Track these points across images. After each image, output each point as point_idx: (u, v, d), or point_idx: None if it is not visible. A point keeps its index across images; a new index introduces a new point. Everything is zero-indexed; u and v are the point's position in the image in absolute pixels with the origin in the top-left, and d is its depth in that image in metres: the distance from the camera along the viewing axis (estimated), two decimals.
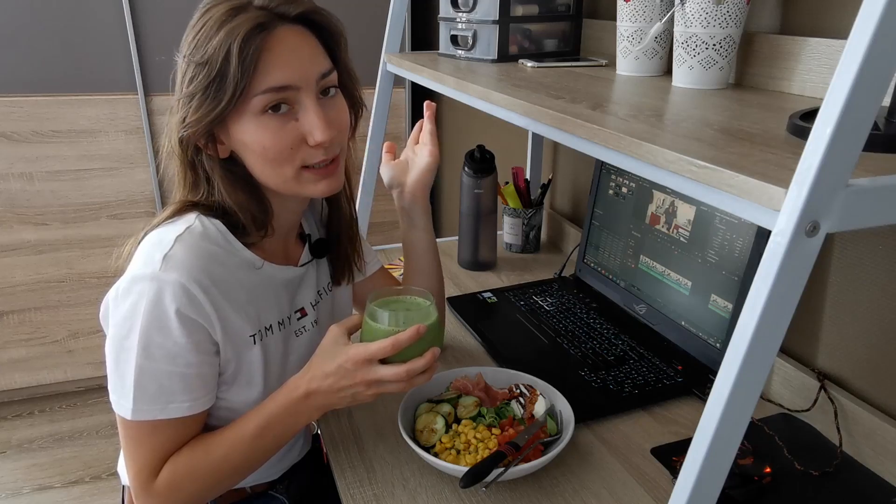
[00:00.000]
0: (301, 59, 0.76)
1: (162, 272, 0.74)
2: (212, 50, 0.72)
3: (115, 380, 0.77)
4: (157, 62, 2.10)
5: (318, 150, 0.78)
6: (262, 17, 0.73)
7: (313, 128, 0.76)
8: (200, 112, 0.74)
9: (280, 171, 0.78)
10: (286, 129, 0.76)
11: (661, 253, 1.18)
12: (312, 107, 0.76)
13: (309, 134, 0.77)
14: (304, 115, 0.76)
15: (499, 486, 0.84)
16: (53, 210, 2.16)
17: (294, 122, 0.77)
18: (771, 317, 0.48)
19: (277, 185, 0.80)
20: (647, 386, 1.03)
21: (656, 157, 0.62)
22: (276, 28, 0.74)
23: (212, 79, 0.72)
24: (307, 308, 0.93)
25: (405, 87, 2.39)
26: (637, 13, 1.06)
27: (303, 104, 0.76)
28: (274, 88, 0.74)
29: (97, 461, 2.14)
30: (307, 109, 0.76)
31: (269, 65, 0.73)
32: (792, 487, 0.84)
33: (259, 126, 0.75)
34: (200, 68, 0.73)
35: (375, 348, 0.76)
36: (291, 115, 0.76)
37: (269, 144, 0.76)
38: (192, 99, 0.74)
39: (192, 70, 0.74)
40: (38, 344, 2.29)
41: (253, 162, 0.79)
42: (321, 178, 0.80)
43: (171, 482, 0.78)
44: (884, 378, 0.90)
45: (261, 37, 0.72)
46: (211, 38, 0.72)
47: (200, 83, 0.73)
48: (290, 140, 0.76)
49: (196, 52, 0.73)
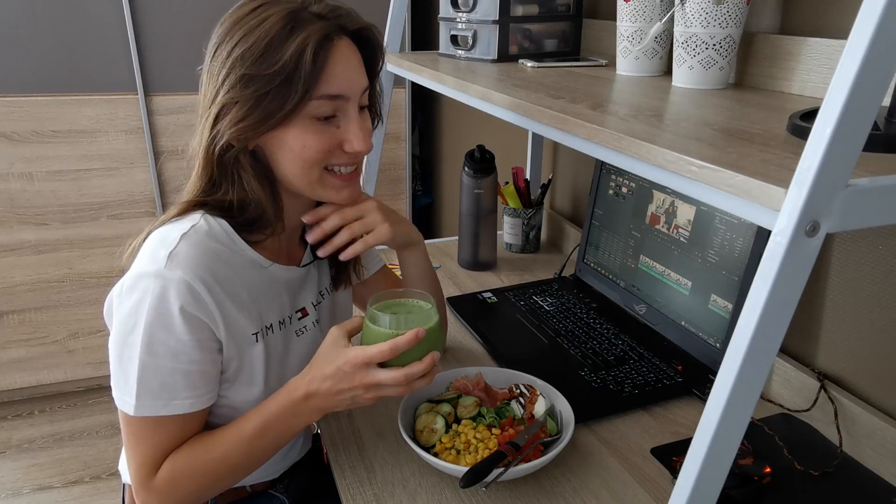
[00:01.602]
0: (353, 71, 0.80)
1: (167, 269, 0.74)
2: (281, 53, 0.73)
3: (118, 376, 0.77)
4: (157, 62, 2.10)
5: (350, 157, 0.83)
6: (328, 27, 0.76)
7: (354, 137, 0.80)
8: (259, 115, 0.75)
9: (309, 171, 0.81)
10: (327, 133, 0.80)
11: (661, 253, 1.18)
12: (355, 118, 0.81)
13: (348, 141, 0.81)
14: (346, 123, 0.80)
15: (499, 486, 0.84)
16: (53, 210, 2.16)
17: (335, 128, 0.80)
18: (771, 317, 0.48)
19: (302, 185, 0.82)
20: (647, 386, 1.03)
21: (656, 157, 0.62)
22: (340, 39, 0.78)
23: (277, 81, 0.74)
24: (308, 308, 0.93)
25: (405, 87, 2.39)
26: (637, 13, 1.06)
27: (347, 114, 0.80)
28: (330, 96, 0.77)
29: (97, 461, 2.14)
30: (350, 119, 0.80)
31: (331, 74, 0.77)
32: (792, 487, 0.84)
33: (305, 129, 0.78)
34: (264, 69, 0.74)
35: (374, 351, 0.76)
36: (334, 122, 0.80)
37: (311, 145, 0.79)
38: (251, 101, 0.75)
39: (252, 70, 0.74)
40: (38, 344, 2.29)
41: (286, 160, 0.80)
42: (345, 186, 0.85)
43: (170, 479, 0.78)
44: (884, 378, 0.90)
45: (328, 46, 0.76)
46: (280, 42, 0.74)
47: (263, 85, 0.74)
48: (329, 144, 0.80)
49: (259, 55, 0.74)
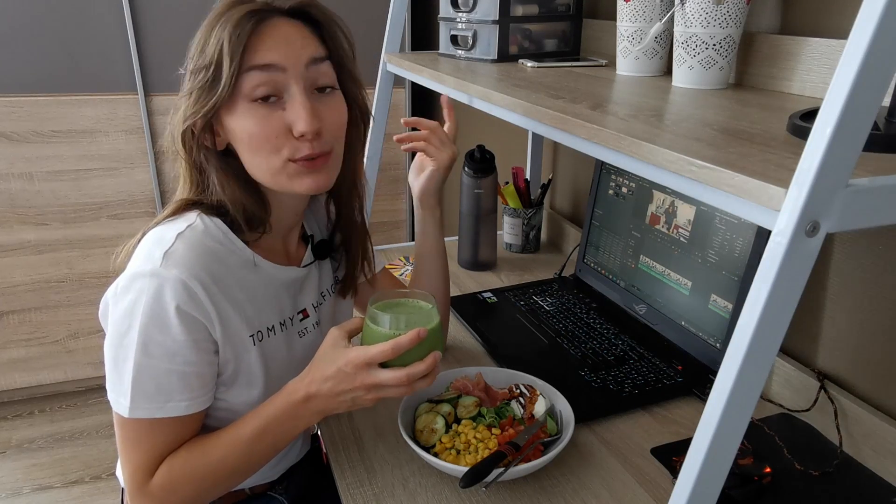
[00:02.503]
0: (290, 42, 0.76)
1: (163, 269, 0.73)
2: (209, 42, 0.74)
3: (113, 377, 0.76)
4: (157, 62, 2.10)
5: (303, 142, 0.77)
6: (255, 6, 0.75)
7: (297, 118, 0.75)
8: (199, 102, 0.76)
9: (267, 161, 0.78)
10: (272, 117, 0.76)
11: (661, 253, 1.18)
12: (299, 96, 0.76)
13: (293, 123, 0.76)
14: (290, 104, 0.76)
15: (499, 486, 0.84)
16: (53, 210, 2.16)
17: (281, 111, 0.77)
18: (771, 317, 0.48)
19: (265, 177, 0.80)
20: (647, 386, 1.03)
21: (656, 157, 0.62)
22: (270, 17, 0.76)
23: (209, 70, 0.74)
24: (309, 309, 0.93)
25: (405, 87, 2.39)
26: (637, 13, 1.06)
27: (290, 93, 0.76)
28: (258, 66, 0.74)
29: (97, 461, 2.14)
30: (293, 99, 0.76)
31: (257, 46, 0.75)
32: (792, 487, 0.84)
33: (247, 114, 0.76)
34: (200, 63, 0.75)
35: (375, 352, 0.75)
36: (279, 105, 0.77)
37: (255, 132, 0.76)
38: (192, 92, 0.76)
39: (192, 65, 0.76)
40: (38, 344, 2.29)
41: (243, 152, 0.79)
42: (307, 173, 0.79)
43: (166, 483, 0.77)
44: (884, 378, 0.90)
45: (252, 22, 0.74)
46: (209, 33, 0.75)
47: (200, 76, 0.75)
48: (275, 129, 0.76)
49: (196, 49, 0.77)
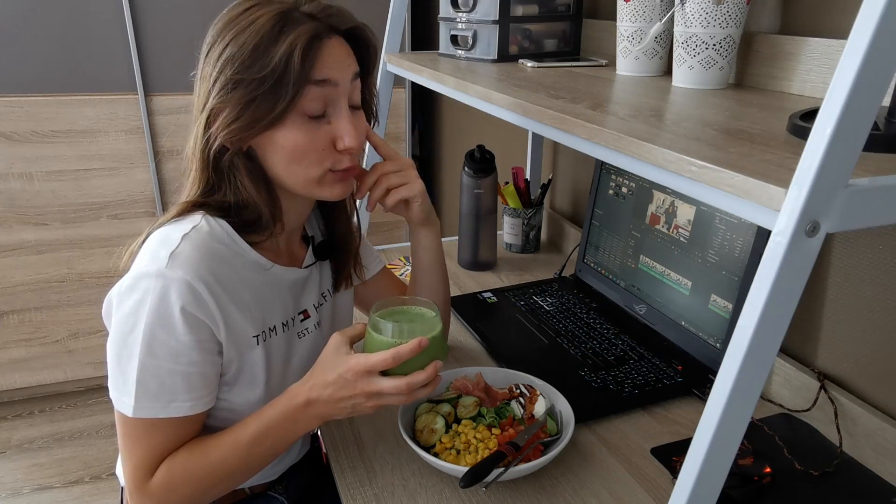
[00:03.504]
0: (342, 61, 0.79)
1: (168, 269, 0.74)
2: (270, 56, 0.73)
3: (116, 376, 0.77)
4: (157, 62, 2.10)
5: (344, 155, 0.81)
6: (318, 27, 0.76)
7: (344, 133, 0.79)
8: (249, 118, 0.75)
9: (306, 171, 0.80)
10: (320, 131, 0.79)
11: (661, 253, 1.18)
12: (345, 112, 0.80)
13: (339, 138, 0.80)
14: (336, 119, 0.80)
15: (499, 486, 0.84)
16: (53, 210, 2.16)
17: (327, 125, 0.79)
18: (771, 317, 0.48)
19: (297, 184, 0.81)
20: (647, 386, 1.03)
21: (656, 157, 0.62)
22: (330, 38, 0.77)
23: (267, 84, 0.74)
24: (310, 310, 0.93)
25: (405, 87, 2.39)
26: (637, 13, 1.06)
27: (337, 108, 0.79)
28: (317, 81, 0.76)
29: (97, 461, 2.14)
30: (340, 114, 0.79)
31: (318, 62, 0.76)
32: (792, 487, 0.84)
33: (297, 127, 0.77)
34: (253, 73, 0.73)
35: (375, 360, 0.75)
36: (325, 119, 0.79)
37: (302, 144, 0.78)
38: (240, 105, 0.75)
39: (240, 75, 0.74)
40: (38, 344, 2.29)
41: (280, 160, 0.79)
42: (338, 182, 0.83)
43: (166, 483, 0.78)
44: (884, 378, 0.90)
45: (317, 45, 0.75)
46: (267, 45, 0.73)
47: (252, 89, 0.74)
48: (321, 142, 0.79)
49: (248, 58, 0.74)
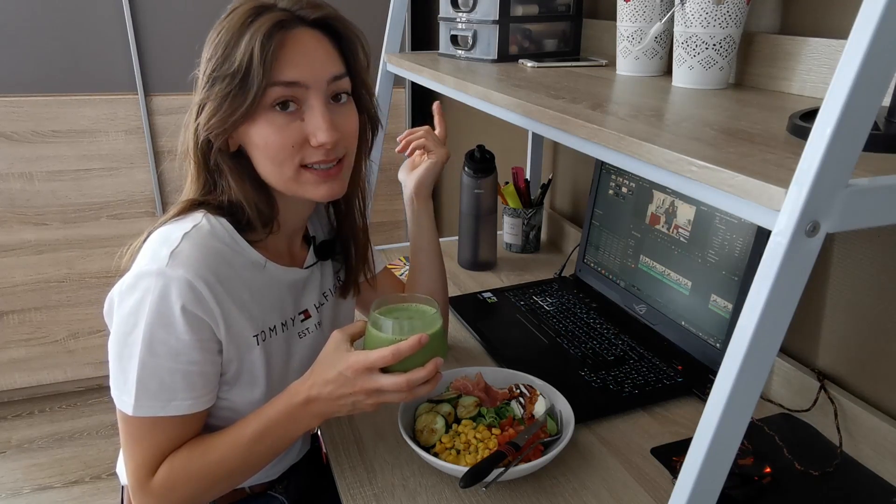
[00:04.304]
0: (314, 59, 0.77)
1: (169, 268, 0.74)
2: (237, 51, 0.73)
3: (117, 375, 0.77)
4: (157, 62, 2.09)
5: (318, 150, 0.79)
6: (282, 16, 0.75)
7: (316, 129, 0.77)
8: (225, 112, 0.75)
9: (281, 168, 0.79)
10: (291, 127, 0.77)
11: (661, 253, 1.18)
12: (319, 108, 0.77)
13: (312, 135, 0.78)
14: (309, 115, 0.78)
15: (499, 486, 0.84)
16: (53, 210, 2.16)
17: (299, 121, 0.78)
18: (771, 317, 0.48)
19: (279, 183, 0.81)
20: (647, 386, 1.03)
21: (656, 157, 0.62)
22: (295, 28, 0.76)
23: (235, 78, 0.74)
24: (311, 310, 0.93)
25: (405, 87, 2.39)
26: (637, 13, 1.06)
27: (310, 104, 0.78)
28: (283, 83, 0.75)
29: (97, 461, 2.14)
30: (313, 110, 0.77)
31: (284, 62, 0.75)
32: (792, 487, 0.84)
33: (266, 122, 0.76)
34: (225, 70, 0.74)
35: (375, 357, 0.75)
36: (297, 114, 0.78)
37: (273, 140, 0.77)
38: (217, 100, 0.75)
39: (216, 72, 0.75)
40: (38, 344, 2.29)
41: (257, 158, 0.80)
42: (322, 182, 0.81)
43: (167, 481, 0.78)
44: (884, 378, 0.90)
45: (280, 34, 0.74)
46: (236, 40, 0.74)
47: (226, 84, 0.74)
48: (292, 138, 0.77)
49: (220, 55, 0.75)
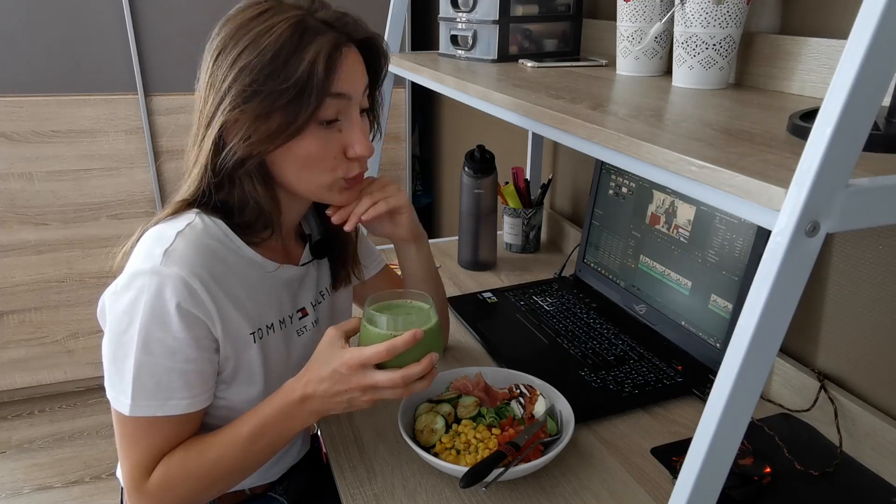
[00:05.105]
0: (356, 73, 0.80)
1: (163, 266, 0.74)
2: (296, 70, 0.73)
3: (112, 375, 0.77)
4: (157, 62, 2.09)
5: (354, 163, 0.82)
6: (337, 38, 0.76)
7: (355, 141, 0.80)
8: (274, 127, 0.74)
9: (318, 178, 0.81)
10: (332, 139, 0.79)
11: (661, 253, 1.18)
12: (357, 121, 0.80)
13: (350, 146, 0.80)
14: (348, 127, 0.80)
15: (499, 486, 0.84)
16: (53, 210, 2.16)
17: (338, 133, 0.80)
18: (771, 317, 0.48)
19: (308, 190, 0.82)
20: (647, 386, 1.03)
21: (656, 157, 0.62)
22: (347, 48, 0.78)
23: (291, 96, 0.73)
24: (308, 308, 0.93)
25: (405, 87, 2.39)
26: (637, 13, 1.06)
27: (349, 117, 0.80)
28: (335, 94, 0.76)
29: (97, 461, 2.14)
30: (352, 123, 0.80)
31: (337, 77, 0.76)
32: (792, 487, 0.84)
33: (311, 135, 0.77)
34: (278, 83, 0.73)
35: (370, 353, 0.75)
36: (336, 126, 0.80)
37: (316, 153, 0.78)
38: (261, 114, 0.74)
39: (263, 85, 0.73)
40: (38, 344, 2.29)
41: (292, 166, 0.80)
42: (347, 189, 0.85)
43: (163, 482, 0.78)
44: (884, 378, 0.90)
45: (338, 56, 0.76)
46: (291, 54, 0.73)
47: (273, 100, 0.73)
48: (334, 150, 0.80)
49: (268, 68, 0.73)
